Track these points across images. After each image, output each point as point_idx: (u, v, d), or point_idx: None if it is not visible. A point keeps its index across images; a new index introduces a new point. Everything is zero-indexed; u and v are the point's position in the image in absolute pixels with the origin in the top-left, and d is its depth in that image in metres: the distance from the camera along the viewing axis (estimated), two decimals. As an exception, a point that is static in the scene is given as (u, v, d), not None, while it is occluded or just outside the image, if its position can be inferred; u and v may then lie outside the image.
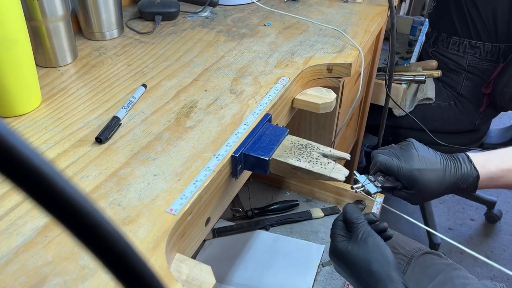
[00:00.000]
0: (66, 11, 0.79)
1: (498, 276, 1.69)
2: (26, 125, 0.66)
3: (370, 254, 0.61)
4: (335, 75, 0.85)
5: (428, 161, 0.67)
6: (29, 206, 0.51)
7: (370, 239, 0.62)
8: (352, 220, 0.64)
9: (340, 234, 0.65)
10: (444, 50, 1.51)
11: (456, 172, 0.67)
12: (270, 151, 0.63)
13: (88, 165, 0.58)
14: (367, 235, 0.62)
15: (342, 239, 0.64)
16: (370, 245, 0.61)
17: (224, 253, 0.94)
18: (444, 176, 0.67)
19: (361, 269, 0.61)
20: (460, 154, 0.70)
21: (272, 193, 1.09)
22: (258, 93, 0.74)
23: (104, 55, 0.86)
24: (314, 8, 1.08)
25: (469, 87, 1.50)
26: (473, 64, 1.47)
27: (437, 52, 1.54)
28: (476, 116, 1.53)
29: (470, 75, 1.49)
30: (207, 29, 0.97)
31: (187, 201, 0.53)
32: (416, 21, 1.81)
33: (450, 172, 0.67)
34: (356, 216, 0.65)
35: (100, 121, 0.66)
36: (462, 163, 0.68)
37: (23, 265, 0.45)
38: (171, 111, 0.69)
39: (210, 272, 0.50)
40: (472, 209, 1.97)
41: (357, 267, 0.61)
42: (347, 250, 0.63)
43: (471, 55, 1.46)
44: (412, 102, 1.53)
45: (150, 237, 0.49)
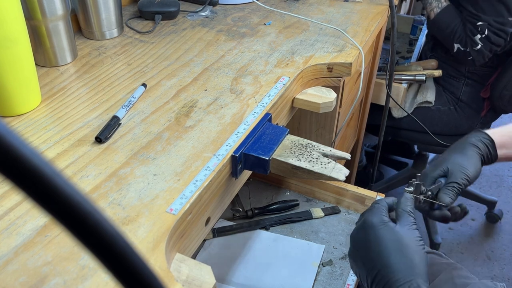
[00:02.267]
0: (66, 11, 0.78)
1: (498, 275, 1.69)
2: (26, 124, 0.66)
3: (414, 246, 0.55)
4: (336, 75, 0.85)
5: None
6: (29, 206, 0.51)
7: (418, 236, 0.57)
8: (406, 209, 0.59)
9: (382, 211, 0.59)
10: (443, 56, 1.50)
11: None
12: (270, 151, 0.62)
13: (88, 164, 0.58)
14: (416, 231, 0.58)
15: (382, 214, 0.59)
16: (418, 241, 0.56)
17: (224, 253, 0.94)
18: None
19: (392, 249, 0.55)
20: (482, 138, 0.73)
21: (272, 193, 1.09)
22: (258, 93, 0.74)
23: (104, 55, 0.86)
24: (314, 8, 1.08)
25: (469, 92, 1.49)
26: (472, 70, 1.46)
27: (435, 57, 1.53)
28: (477, 121, 1.52)
29: (469, 81, 1.48)
30: (207, 29, 0.97)
31: (187, 200, 0.53)
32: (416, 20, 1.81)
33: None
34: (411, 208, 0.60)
35: (100, 121, 0.66)
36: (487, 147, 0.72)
37: (23, 265, 0.45)
38: (171, 110, 0.69)
39: (210, 272, 0.49)
40: (472, 209, 1.97)
41: (387, 246, 0.55)
42: (391, 227, 0.56)
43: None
44: (411, 104, 1.53)
45: (150, 237, 0.49)
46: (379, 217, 0.58)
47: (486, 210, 1.92)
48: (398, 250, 0.55)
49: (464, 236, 1.86)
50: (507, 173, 2.17)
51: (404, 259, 0.54)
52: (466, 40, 1.34)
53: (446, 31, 1.37)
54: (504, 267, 1.73)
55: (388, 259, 0.54)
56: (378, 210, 0.59)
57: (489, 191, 2.05)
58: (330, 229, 0.98)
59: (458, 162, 0.69)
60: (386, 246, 0.55)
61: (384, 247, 0.55)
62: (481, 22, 1.30)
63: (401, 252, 0.54)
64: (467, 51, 1.35)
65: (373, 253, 0.56)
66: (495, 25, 1.30)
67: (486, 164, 0.73)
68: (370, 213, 0.59)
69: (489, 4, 1.29)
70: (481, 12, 1.30)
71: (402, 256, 0.54)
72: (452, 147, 0.74)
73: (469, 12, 1.32)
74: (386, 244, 0.55)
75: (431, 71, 1.49)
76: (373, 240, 0.56)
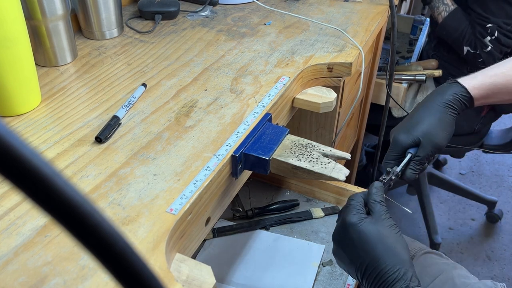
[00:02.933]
0: (66, 11, 0.78)
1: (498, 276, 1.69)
2: (26, 124, 0.66)
3: (392, 236, 0.58)
4: (336, 75, 0.85)
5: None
6: (29, 206, 0.51)
7: (393, 224, 0.59)
8: (376, 199, 0.61)
9: (358, 208, 0.61)
10: (446, 56, 1.50)
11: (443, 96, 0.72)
12: (271, 151, 0.62)
13: (88, 164, 0.58)
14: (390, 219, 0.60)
15: (361, 211, 0.61)
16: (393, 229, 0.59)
17: (224, 253, 0.94)
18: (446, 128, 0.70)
19: (381, 246, 0.57)
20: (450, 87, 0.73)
21: (272, 192, 1.09)
22: (258, 93, 0.74)
23: (104, 55, 0.86)
24: (314, 7, 1.08)
25: None
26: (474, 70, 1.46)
27: (438, 56, 1.53)
28: (477, 121, 1.52)
29: None
30: (207, 28, 0.97)
31: (187, 201, 0.53)
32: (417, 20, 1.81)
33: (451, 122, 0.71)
34: (382, 197, 0.62)
35: (100, 121, 0.66)
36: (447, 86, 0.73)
37: (22, 265, 0.45)
38: (171, 110, 0.69)
39: (210, 272, 0.49)
40: (473, 208, 1.97)
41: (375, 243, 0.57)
42: (367, 223, 0.59)
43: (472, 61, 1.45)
44: (411, 104, 1.52)
45: (150, 237, 0.49)
46: (356, 215, 0.60)
47: (486, 210, 1.92)
48: (380, 243, 0.57)
49: (464, 236, 1.86)
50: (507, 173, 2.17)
51: (388, 250, 0.57)
52: (475, 43, 1.34)
53: (455, 34, 1.37)
54: (504, 267, 1.73)
55: (373, 253, 0.57)
56: (354, 207, 0.61)
57: (489, 191, 2.05)
58: (330, 229, 0.98)
59: (430, 131, 0.69)
60: (368, 241, 0.58)
61: (366, 243, 0.58)
62: (491, 24, 1.30)
63: (383, 244, 0.57)
64: (477, 53, 1.35)
65: (358, 250, 0.58)
66: (504, 27, 1.30)
67: None
68: (347, 211, 0.61)
69: (499, 7, 1.29)
70: (490, 14, 1.30)
71: (385, 248, 0.57)
72: (427, 106, 0.72)
73: (478, 14, 1.32)
74: (368, 239, 0.58)
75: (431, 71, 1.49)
76: (355, 238, 0.59)
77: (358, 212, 0.60)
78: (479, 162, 2.23)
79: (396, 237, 0.58)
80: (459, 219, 1.93)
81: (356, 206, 0.61)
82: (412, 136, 0.69)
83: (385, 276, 0.56)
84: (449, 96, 0.72)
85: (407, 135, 0.70)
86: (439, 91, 0.73)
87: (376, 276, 0.57)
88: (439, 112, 0.71)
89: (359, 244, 0.58)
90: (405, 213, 1.95)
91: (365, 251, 0.58)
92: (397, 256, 0.57)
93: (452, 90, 0.73)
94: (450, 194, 2.01)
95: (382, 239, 0.57)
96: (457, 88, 0.73)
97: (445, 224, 1.91)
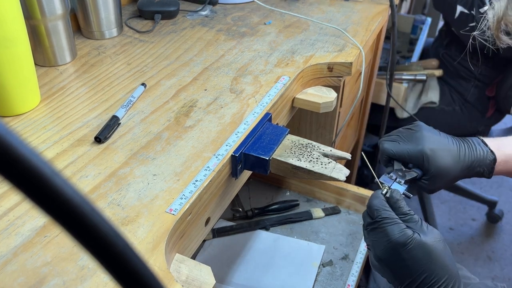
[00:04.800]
0: (65, 10, 0.78)
1: (499, 276, 1.69)
2: (25, 124, 0.65)
3: (444, 247, 0.56)
4: (336, 74, 0.84)
5: (440, 141, 0.64)
6: (28, 206, 0.51)
7: (436, 231, 0.57)
8: (406, 211, 0.58)
9: (399, 222, 0.56)
10: (457, 55, 1.45)
11: (471, 153, 0.64)
12: (271, 151, 0.62)
13: (87, 164, 0.58)
14: (431, 227, 0.57)
15: (405, 227, 0.56)
16: (440, 238, 0.57)
17: (224, 253, 0.94)
18: (459, 156, 0.64)
19: (436, 261, 0.55)
20: (473, 138, 0.67)
21: (272, 193, 1.08)
22: (258, 92, 0.73)
23: (103, 54, 0.85)
24: (314, 7, 1.08)
25: (477, 94, 1.47)
26: (484, 73, 1.44)
27: (448, 55, 1.50)
28: (481, 122, 1.51)
29: (479, 83, 1.46)
30: (207, 28, 0.97)
31: (187, 201, 0.52)
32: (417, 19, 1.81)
33: (465, 153, 0.64)
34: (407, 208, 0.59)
35: (99, 121, 0.66)
36: (477, 145, 0.66)
37: (22, 265, 0.45)
38: (170, 110, 0.69)
39: (210, 273, 0.49)
40: (473, 209, 1.97)
41: (431, 259, 0.55)
42: (419, 239, 0.55)
43: (484, 63, 1.41)
44: (415, 105, 1.52)
45: (149, 237, 0.48)
46: (402, 233, 0.55)
47: (487, 210, 1.92)
48: (431, 262, 0.56)
49: (465, 236, 1.86)
50: (507, 173, 2.17)
51: (439, 267, 0.56)
52: (473, 1, 1.27)
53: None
54: (505, 268, 1.73)
55: (426, 272, 0.55)
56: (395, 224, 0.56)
57: (489, 191, 2.05)
58: (330, 229, 0.98)
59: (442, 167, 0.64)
60: (420, 261, 0.56)
61: (418, 262, 0.56)
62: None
63: (434, 262, 0.56)
64: (470, 14, 1.28)
65: (410, 269, 0.56)
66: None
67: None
68: (391, 231, 0.56)
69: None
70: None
71: (436, 266, 0.56)
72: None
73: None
74: (420, 259, 0.56)
75: (432, 70, 1.49)
76: (407, 259, 0.56)
77: (403, 228, 0.56)
78: (479, 162, 2.23)
79: (445, 252, 0.57)
80: (459, 219, 1.93)
81: (397, 221, 0.57)
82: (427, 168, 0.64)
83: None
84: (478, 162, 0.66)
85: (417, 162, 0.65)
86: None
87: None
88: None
89: (410, 264, 0.56)
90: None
91: (416, 271, 0.56)
92: (448, 272, 0.56)
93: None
94: (451, 194, 2.01)
95: (434, 258, 0.55)
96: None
97: (446, 224, 1.91)
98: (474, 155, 0.65)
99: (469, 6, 1.29)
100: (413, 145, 0.64)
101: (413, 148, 0.64)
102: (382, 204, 0.58)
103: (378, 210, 0.57)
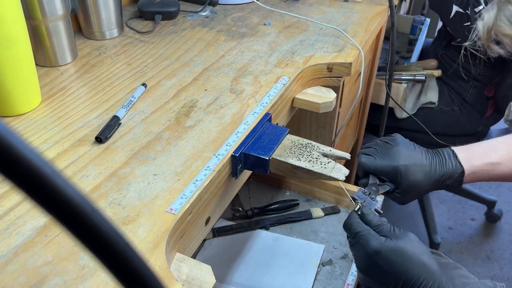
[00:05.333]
0: (66, 11, 0.78)
1: (498, 275, 1.69)
2: (26, 124, 0.66)
3: (418, 248, 0.58)
4: (335, 75, 0.85)
5: (413, 157, 0.67)
6: (29, 206, 0.51)
7: (409, 233, 0.59)
8: (377, 222, 0.61)
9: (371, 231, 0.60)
10: (456, 56, 1.46)
11: (441, 168, 0.68)
12: (270, 151, 0.62)
13: (88, 164, 0.58)
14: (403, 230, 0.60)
15: (377, 235, 0.59)
16: (413, 239, 0.59)
17: (224, 253, 0.94)
18: (430, 172, 0.67)
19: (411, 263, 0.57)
20: (445, 149, 0.70)
21: (272, 192, 1.09)
22: (258, 93, 0.74)
23: (104, 55, 0.86)
24: (314, 8, 1.08)
25: (475, 94, 1.48)
26: (483, 73, 1.45)
27: (447, 56, 1.50)
28: (480, 123, 1.51)
29: (478, 83, 1.46)
30: (207, 29, 0.97)
31: (187, 200, 0.53)
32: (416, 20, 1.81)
33: (436, 168, 0.67)
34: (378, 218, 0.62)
35: (100, 121, 0.66)
36: (448, 158, 0.68)
37: (22, 265, 0.45)
38: (171, 110, 0.69)
39: (210, 272, 0.49)
40: (472, 208, 1.97)
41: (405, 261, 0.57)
42: (391, 244, 0.58)
43: (483, 64, 1.41)
44: (415, 105, 1.52)
45: (150, 236, 0.49)
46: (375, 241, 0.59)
47: (486, 210, 1.92)
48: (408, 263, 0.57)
49: (464, 236, 1.86)
50: (507, 173, 2.17)
51: (417, 267, 0.57)
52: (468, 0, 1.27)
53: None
54: (504, 267, 1.73)
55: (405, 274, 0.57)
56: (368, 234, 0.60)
57: (488, 190, 2.05)
58: (330, 229, 0.99)
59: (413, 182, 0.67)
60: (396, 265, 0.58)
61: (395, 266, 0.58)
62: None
63: (411, 263, 0.57)
64: (465, 14, 1.28)
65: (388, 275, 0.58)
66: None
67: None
68: (365, 240, 0.60)
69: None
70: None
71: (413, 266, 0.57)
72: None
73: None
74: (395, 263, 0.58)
75: (431, 71, 1.49)
76: (383, 265, 0.58)
77: (376, 237, 0.59)
78: (479, 162, 2.23)
79: (420, 250, 0.58)
80: (458, 219, 1.93)
81: (369, 232, 0.60)
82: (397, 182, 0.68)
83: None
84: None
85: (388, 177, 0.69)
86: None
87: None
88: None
89: (388, 269, 0.58)
90: (404, 213, 1.95)
91: (395, 275, 0.58)
92: (427, 270, 0.57)
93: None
94: (450, 194, 2.01)
95: (409, 258, 0.57)
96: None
97: (445, 224, 1.91)
98: (444, 169, 0.68)
99: (464, 6, 1.29)
100: (388, 161, 0.67)
101: (388, 164, 0.67)
102: (355, 221, 0.62)
103: (351, 226, 0.61)
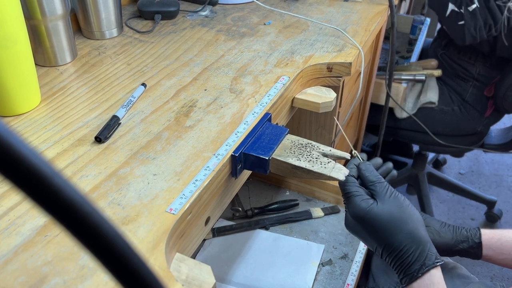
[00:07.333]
0: (66, 10, 0.78)
1: (498, 275, 1.69)
2: (25, 124, 0.66)
3: (404, 213, 0.58)
4: (335, 74, 0.85)
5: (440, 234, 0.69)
6: (29, 206, 0.51)
7: (400, 197, 0.60)
8: (373, 179, 0.61)
9: (360, 193, 0.61)
10: (455, 56, 1.47)
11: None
12: (270, 151, 0.62)
13: (88, 164, 0.58)
14: (396, 194, 0.60)
15: (365, 197, 0.60)
16: (402, 204, 0.59)
17: (224, 253, 0.94)
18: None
19: (394, 229, 0.58)
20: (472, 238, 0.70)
21: (272, 192, 1.09)
22: (258, 92, 0.74)
23: (104, 54, 0.86)
24: (314, 7, 1.08)
25: (475, 94, 1.48)
26: (483, 73, 1.45)
27: (447, 56, 1.51)
28: (480, 122, 1.51)
29: (477, 83, 1.47)
30: (206, 28, 0.97)
31: (187, 200, 0.53)
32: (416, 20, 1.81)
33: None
34: (375, 174, 0.62)
35: (100, 121, 0.66)
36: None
37: (22, 265, 0.45)
38: (170, 110, 0.69)
39: (210, 272, 0.49)
40: (472, 208, 1.97)
41: (387, 227, 0.58)
42: (376, 209, 0.58)
43: (482, 64, 1.43)
44: (415, 104, 1.52)
45: (149, 236, 0.49)
46: (362, 202, 0.60)
47: (486, 209, 1.92)
48: (392, 227, 0.58)
49: (464, 235, 1.86)
50: (506, 172, 2.17)
51: (400, 232, 0.58)
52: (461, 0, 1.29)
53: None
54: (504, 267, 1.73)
55: (388, 238, 0.58)
56: (357, 195, 0.61)
57: (488, 190, 2.05)
58: (329, 228, 0.99)
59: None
60: (380, 228, 0.59)
61: (379, 229, 0.59)
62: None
63: (395, 227, 0.58)
64: (460, 13, 1.30)
65: (373, 236, 0.60)
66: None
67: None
68: (352, 201, 0.61)
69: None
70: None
71: (397, 231, 0.58)
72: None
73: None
74: (379, 226, 0.59)
75: (431, 70, 1.49)
76: (367, 226, 0.60)
77: (363, 199, 0.60)
78: (478, 161, 2.23)
79: (407, 215, 0.59)
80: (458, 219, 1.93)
81: (358, 193, 0.61)
82: None
83: (401, 259, 0.58)
84: None
85: None
86: None
87: (394, 259, 0.59)
88: None
89: (371, 233, 0.60)
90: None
91: (376, 239, 0.59)
92: (411, 236, 0.58)
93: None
94: (450, 194, 2.01)
95: (393, 222, 0.58)
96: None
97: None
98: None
99: (459, 4, 1.30)
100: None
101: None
102: (349, 180, 0.62)
103: (345, 186, 0.63)
